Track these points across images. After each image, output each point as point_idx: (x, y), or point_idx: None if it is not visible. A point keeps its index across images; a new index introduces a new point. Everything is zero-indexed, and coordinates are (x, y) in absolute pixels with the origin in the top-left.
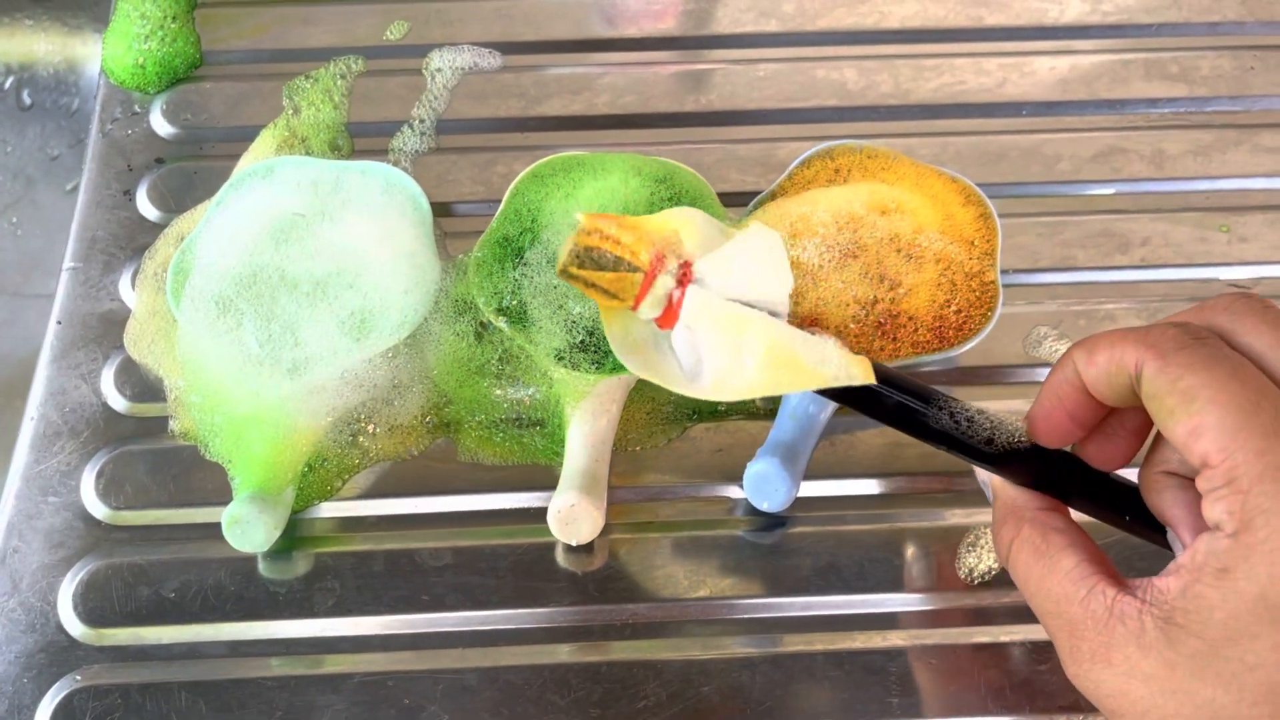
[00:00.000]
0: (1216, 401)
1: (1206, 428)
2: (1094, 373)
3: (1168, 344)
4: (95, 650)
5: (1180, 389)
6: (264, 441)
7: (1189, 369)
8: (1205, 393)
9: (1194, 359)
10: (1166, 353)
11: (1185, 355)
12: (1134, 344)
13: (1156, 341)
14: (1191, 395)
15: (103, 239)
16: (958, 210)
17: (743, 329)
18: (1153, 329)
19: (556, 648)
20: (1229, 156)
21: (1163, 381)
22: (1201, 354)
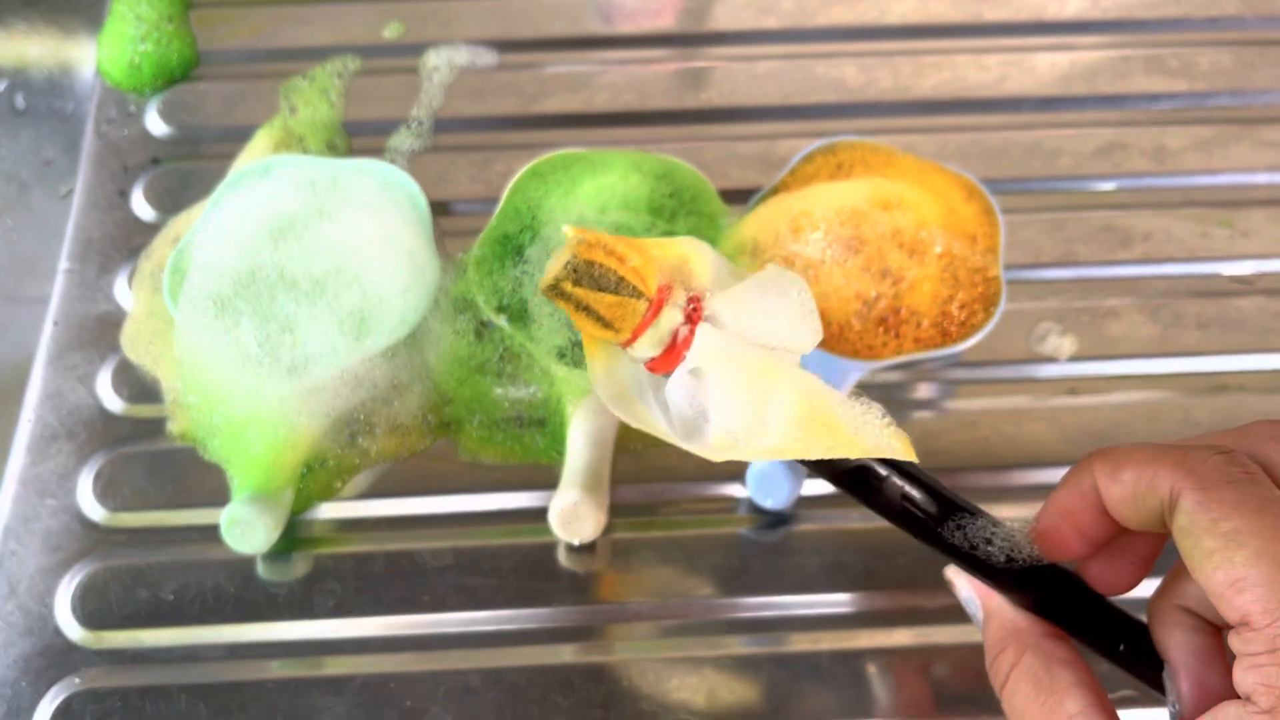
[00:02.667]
0: (1266, 555)
1: (1252, 583)
2: (1117, 492)
3: (1211, 474)
4: (94, 653)
5: (1224, 532)
6: (263, 442)
7: (1236, 510)
8: (1254, 542)
9: (1242, 499)
10: (1210, 485)
11: (1232, 493)
12: (1170, 468)
13: (1197, 469)
14: (1238, 542)
15: (98, 240)
16: (960, 205)
17: (771, 379)
18: (1193, 453)
19: (559, 648)
20: (1230, 151)
21: (1204, 519)
22: (1251, 494)
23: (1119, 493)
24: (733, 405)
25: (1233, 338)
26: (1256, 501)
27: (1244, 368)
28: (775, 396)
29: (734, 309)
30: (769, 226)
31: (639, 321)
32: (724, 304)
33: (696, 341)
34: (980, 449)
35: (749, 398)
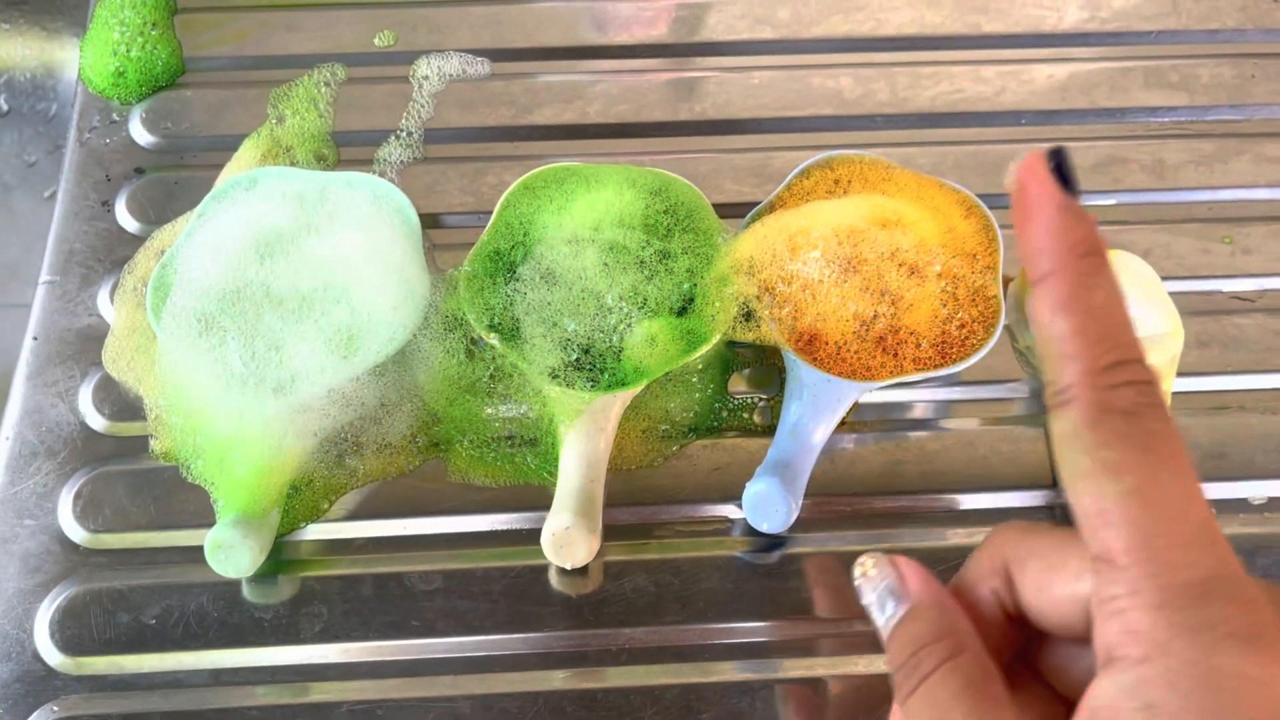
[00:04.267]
0: (1139, 494)
1: (1119, 519)
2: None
3: (1113, 399)
4: (73, 679)
5: (1103, 459)
6: (248, 463)
7: (1121, 440)
8: (1129, 479)
9: (1130, 431)
10: (1107, 407)
11: (1123, 423)
12: (1080, 379)
13: (1101, 386)
14: (1114, 474)
15: (80, 251)
16: (959, 223)
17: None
18: (1108, 391)
19: (551, 674)
20: (1231, 166)
21: (1088, 438)
22: (1141, 429)
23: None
24: None
25: (1233, 356)
26: (1144, 438)
27: (1245, 387)
28: None
29: None
30: (766, 244)
31: None
32: None
33: None
34: (979, 469)
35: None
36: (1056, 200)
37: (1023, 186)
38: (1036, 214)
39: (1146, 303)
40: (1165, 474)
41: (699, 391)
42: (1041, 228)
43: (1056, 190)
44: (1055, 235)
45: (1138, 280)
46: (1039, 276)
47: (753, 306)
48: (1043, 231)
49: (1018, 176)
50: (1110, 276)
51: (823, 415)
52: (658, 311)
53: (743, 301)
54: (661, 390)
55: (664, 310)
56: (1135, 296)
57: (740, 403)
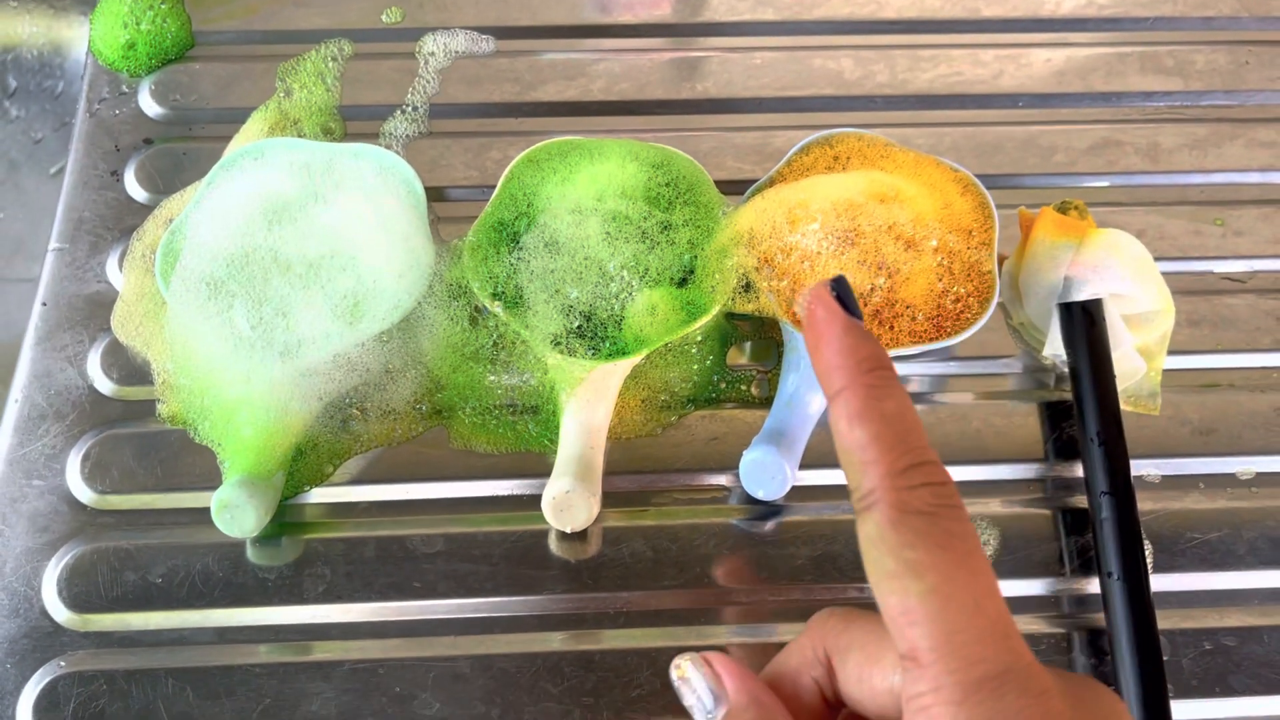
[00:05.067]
0: (939, 592)
1: (923, 618)
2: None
3: (911, 499)
4: (80, 636)
5: (906, 559)
6: (254, 425)
7: (921, 540)
8: (931, 577)
9: (930, 530)
10: (907, 507)
11: (923, 522)
12: (881, 483)
13: (900, 486)
14: (917, 573)
15: (90, 220)
16: (956, 199)
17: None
18: (907, 493)
19: (549, 636)
20: (1224, 150)
21: (892, 538)
22: (940, 529)
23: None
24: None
25: (1224, 336)
26: (943, 537)
27: (1234, 365)
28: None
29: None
30: (766, 217)
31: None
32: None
33: None
34: (972, 442)
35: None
36: (843, 322)
37: (811, 313)
38: (826, 336)
39: (1139, 281)
40: (963, 572)
41: (698, 363)
42: (832, 347)
43: (842, 313)
44: (845, 353)
45: (1131, 259)
46: (833, 393)
47: (752, 278)
48: (833, 350)
49: (807, 304)
50: (898, 387)
51: (819, 386)
52: (659, 281)
53: (742, 273)
54: (661, 361)
55: (665, 280)
56: (1128, 275)
57: (738, 375)
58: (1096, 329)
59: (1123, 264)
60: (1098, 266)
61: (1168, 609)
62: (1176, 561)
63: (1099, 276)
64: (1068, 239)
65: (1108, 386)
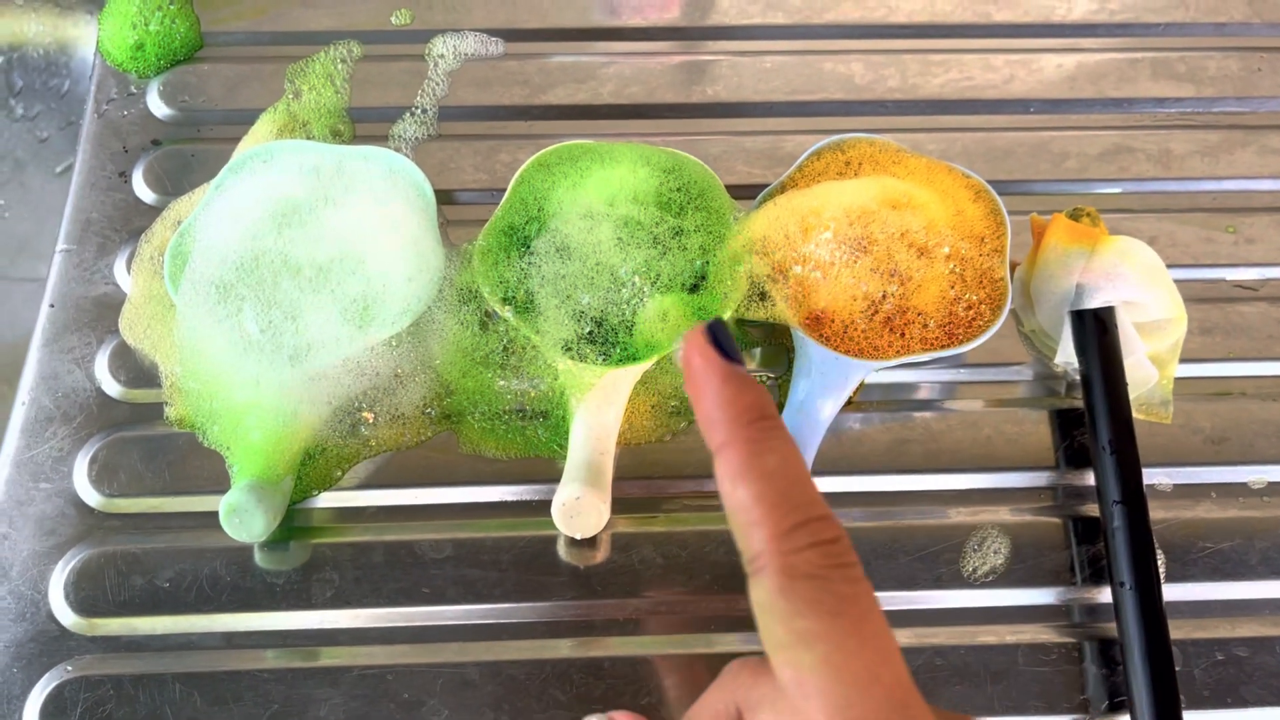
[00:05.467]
0: (831, 663)
1: (815, 690)
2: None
3: (800, 564)
4: (87, 640)
5: (796, 629)
6: (263, 429)
7: (811, 608)
8: (822, 647)
9: (820, 597)
10: (795, 574)
11: (812, 589)
12: (767, 546)
13: (785, 550)
14: (808, 643)
15: (97, 221)
16: (968, 206)
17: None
18: (793, 556)
19: (558, 642)
20: (1235, 157)
21: (781, 607)
22: (831, 594)
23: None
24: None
25: (1236, 343)
26: (834, 603)
27: (1247, 374)
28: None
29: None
30: (779, 225)
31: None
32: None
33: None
34: (983, 449)
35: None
36: (721, 371)
37: (687, 361)
38: (704, 388)
39: (1151, 289)
40: (853, 639)
41: None
42: (710, 400)
43: (720, 361)
44: (723, 405)
45: (1143, 266)
46: (715, 448)
47: (763, 285)
48: (712, 403)
49: (683, 353)
50: (781, 437)
51: (830, 392)
52: (670, 287)
53: (754, 280)
54: (671, 366)
55: (676, 286)
56: (1141, 282)
57: None
58: (1108, 336)
59: (1135, 271)
60: (1110, 274)
61: (1180, 619)
62: (1189, 571)
63: (1111, 284)
64: (1080, 246)
65: (1120, 394)
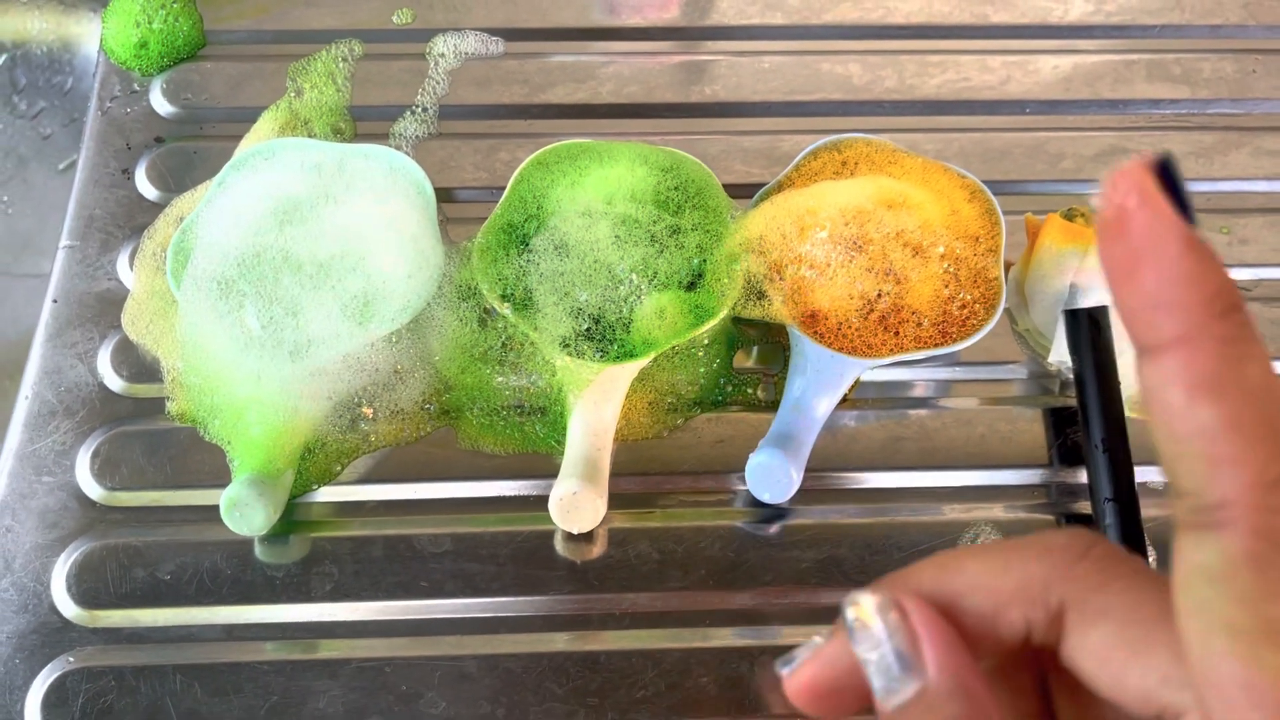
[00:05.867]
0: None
1: (1277, 706)
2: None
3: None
4: (89, 632)
5: (1267, 618)
6: (264, 423)
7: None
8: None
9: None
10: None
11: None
12: (1245, 495)
13: (1261, 504)
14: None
15: (100, 217)
16: (963, 206)
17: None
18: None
19: (555, 636)
20: (1230, 159)
21: (1250, 581)
22: None
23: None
24: None
25: None
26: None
27: None
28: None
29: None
30: (775, 224)
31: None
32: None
33: None
34: (977, 447)
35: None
36: (1181, 235)
37: (1124, 211)
38: (1154, 253)
39: None
40: None
41: (705, 366)
42: (1163, 273)
43: (1178, 220)
44: (1185, 284)
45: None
46: (1162, 341)
47: (760, 283)
48: (1166, 278)
49: (1116, 197)
50: (1262, 347)
51: (825, 390)
52: (667, 285)
53: (750, 278)
54: (668, 363)
55: (673, 284)
56: None
57: (745, 378)
58: (1102, 335)
59: None
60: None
61: None
62: None
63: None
64: (1074, 246)
65: (1113, 393)
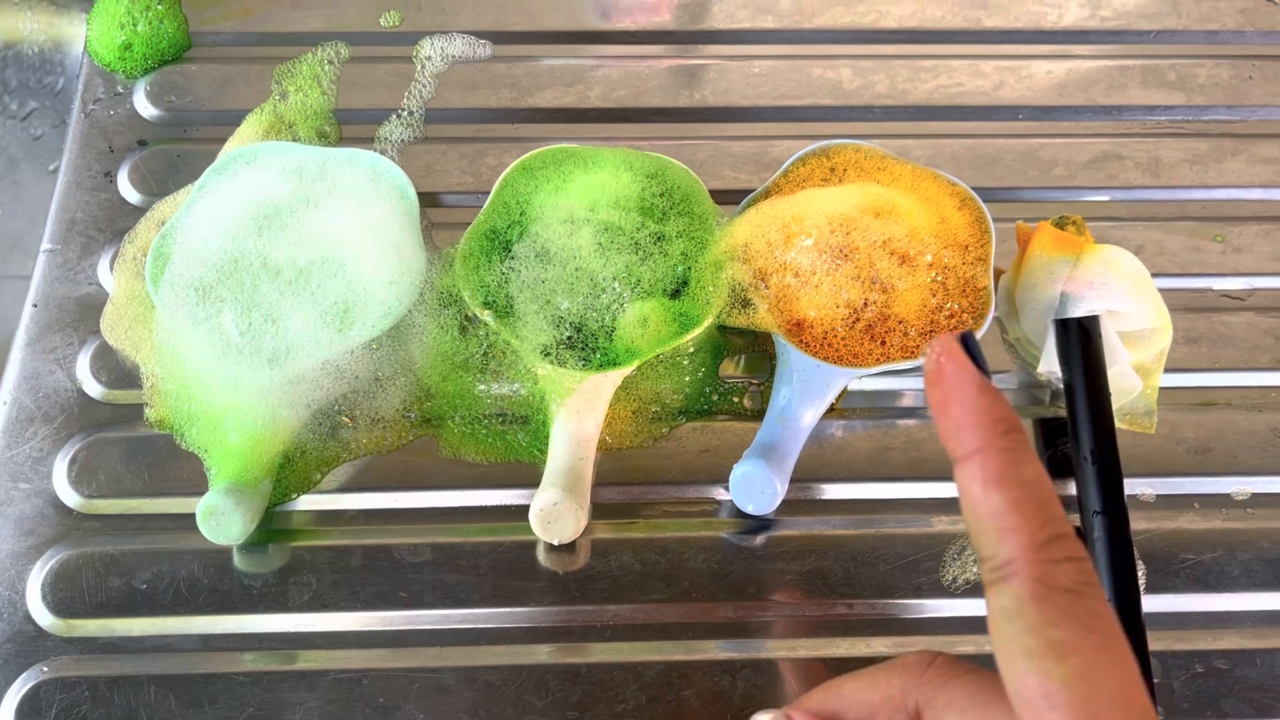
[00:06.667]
0: (1085, 677)
1: (1064, 703)
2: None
3: (1056, 574)
4: (64, 641)
5: (1049, 638)
6: (241, 431)
7: (1066, 620)
8: (1076, 661)
9: (1076, 611)
10: (1051, 582)
11: (1068, 601)
12: (1022, 554)
13: (1042, 559)
14: (1060, 655)
15: (82, 221)
16: (952, 214)
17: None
18: (1051, 567)
19: (536, 648)
20: (1225, 166)
21: (1033, 615)
22: (1085, 609)
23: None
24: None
25: (1221, 353)
26: (1089, 619)
27: (1231, 384)
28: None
29: (1090, 285)
30: (761, 231)
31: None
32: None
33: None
34: None
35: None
36: (976, 380)
37: (940, 368)
38: (958, 393)
39: (1136, 298)
40: (1109, 657)
41: (690, 374)
42: (965, 406)
43: (975, 371)
44: (979, 412)
45: (1128, 275)
46: (966, 453)
47: (745, 291)
48: (967, 410)
49: (933, 358)
50: (1033, 452)
51: (811, 400)
52: (651, 293)
53: (736, 286)
54: (653, 372)
55: (657, 292)
56: (1125, 291)
57: (731, 387)
58: (1092, 345)
59: (1120, 280)
60: (1094, 283)
61: (1160, 630)
62: (1169, 582)
63: (1095, 293)
64: (1065, 254)
65: (1103, 404)
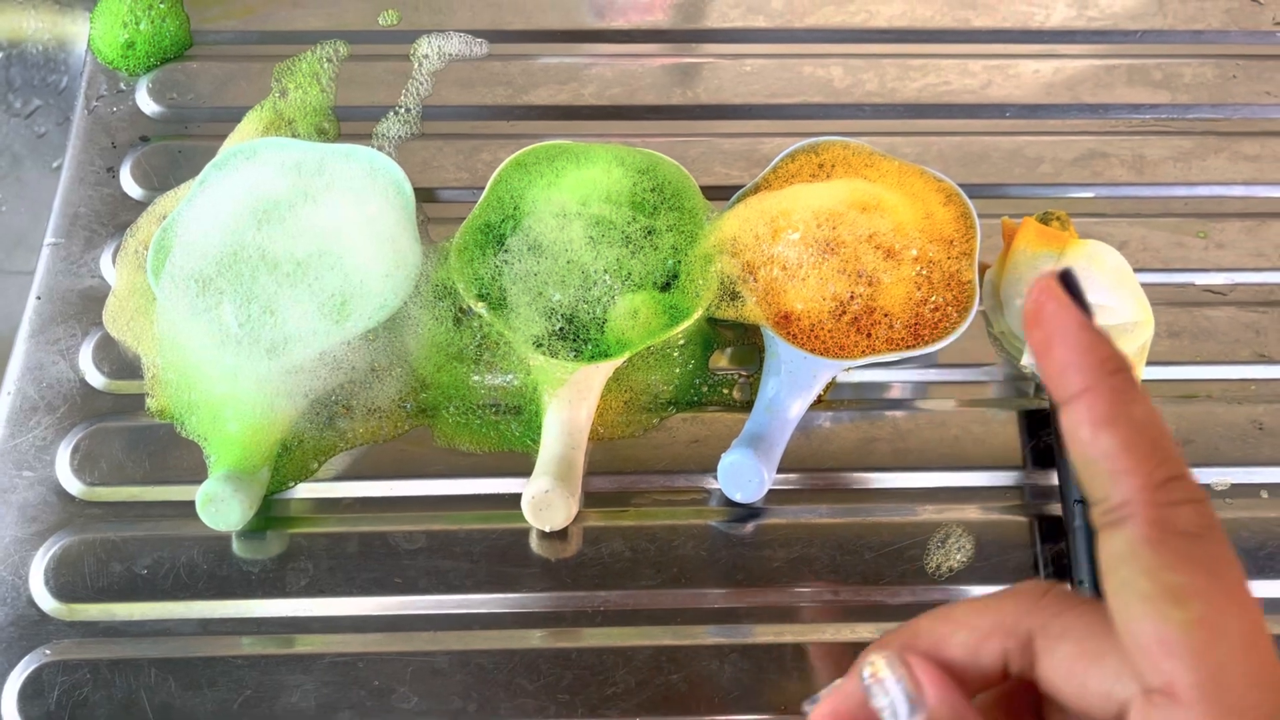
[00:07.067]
0: (1207, 624)
1: (1185, 650)
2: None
3: (1176, 517)
4: (66, 625)
5: (1167, 583)
6: (240, 420)
7: (1188, 564)
8: (1198, 606)
9: (1197, 554)
10: (1170, 527)
11: (1189, 545)
12: (1138, 496)
13: (1161, 501)
14: (1181, 600)
15: (85, 215)
16: (938, 209)
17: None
18: (1169, 509)
19: (528, 633)
20: (1208, 163)
21: (1150, 559)
22: (1208, 554)
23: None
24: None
25: (1203, 347)
26: (1211, 563)
27: (1212, 376)
28: None
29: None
30: (749, 226)
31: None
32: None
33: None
34: (950, 448)
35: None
36: (1078, 319)
37: (1040, 307)
38: (1060, 333)
39: (1118, 292)
40: (1233, 604)
41: (680, 366)
42: (1068, 345)
43: (1076, 309)
44: (1083, 352)
45: (1110, 270)
46: (1071, 394)
47: (734, 284)
48: (1070, 349)
49: (1034, 298)
50: (1144, 393)
51: (798, 391)
52: (642, 286)
53: (725, 279)
54: (644, 364)
55: (647, 285)
56: (1108, 286)
57: (720, 378)
58: None
59: (1102, 275)
60: None
61: None
62: None
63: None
64: (1049, 249)
65: None
